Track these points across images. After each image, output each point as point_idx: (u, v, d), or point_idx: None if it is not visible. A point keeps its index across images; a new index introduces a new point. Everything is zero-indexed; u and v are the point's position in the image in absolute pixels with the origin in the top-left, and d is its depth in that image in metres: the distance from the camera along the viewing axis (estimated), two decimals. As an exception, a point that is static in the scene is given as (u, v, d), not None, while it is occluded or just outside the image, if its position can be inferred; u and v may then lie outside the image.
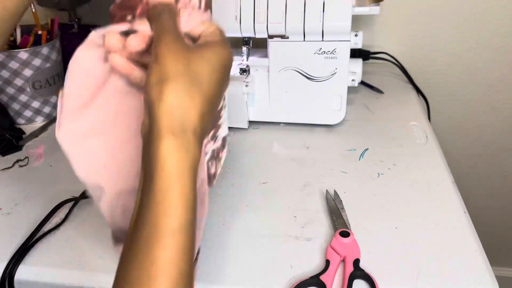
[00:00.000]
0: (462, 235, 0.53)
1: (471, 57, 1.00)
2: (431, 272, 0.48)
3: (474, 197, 1.16)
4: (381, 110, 0.82)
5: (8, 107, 0.80)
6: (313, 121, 0.76)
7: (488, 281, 0.47)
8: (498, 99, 1.03)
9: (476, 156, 1.11)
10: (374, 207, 0.58)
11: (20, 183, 0.65)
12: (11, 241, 0.53)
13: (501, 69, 1.00)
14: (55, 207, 0.57)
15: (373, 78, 0.93)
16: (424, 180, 0.62)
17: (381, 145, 0.71)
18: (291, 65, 0.72)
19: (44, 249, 0.53)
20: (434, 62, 1.01)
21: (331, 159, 0.68)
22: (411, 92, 0.90)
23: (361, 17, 0.97)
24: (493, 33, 0.97)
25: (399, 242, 0.52)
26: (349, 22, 0.68)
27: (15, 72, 0.76)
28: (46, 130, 0.79)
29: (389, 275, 0.48)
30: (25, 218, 0.57)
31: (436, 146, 0.70)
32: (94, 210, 0.59)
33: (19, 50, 0.75)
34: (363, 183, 0.63)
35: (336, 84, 0.72)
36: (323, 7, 0.67)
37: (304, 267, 0.49)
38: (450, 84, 1.03)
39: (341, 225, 0.54)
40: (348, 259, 0.49)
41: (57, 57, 0.80)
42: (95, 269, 0.50)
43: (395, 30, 1.00)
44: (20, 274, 0.50)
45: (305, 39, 0.70)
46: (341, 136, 0.74)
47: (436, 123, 1.04)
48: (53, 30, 0.82)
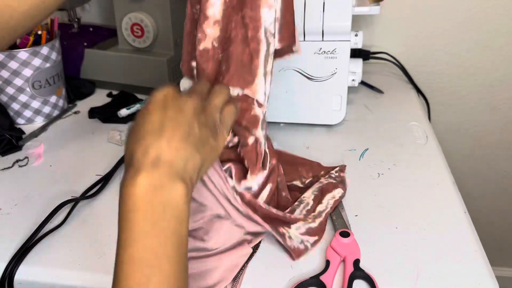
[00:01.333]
0: (462, 235, 0.53)
1: (471, 57, 1.00)
2: (431, 272, 0.48)
3: (474, 197, 1.16)
4: (381, 110, 0.82)
5: (8, 107, 0.80)
6: (313, 121, 0.76)
7: (489, 281, 0.47)
8: (498, 99, 1.03)
9: (476, 156, 1.11)
10: (374, 207, 0.58)
11: (19, 183, 0.65)
12: (11, 241, 0.53)
13: (501, 69, 1.00)
14: (55, 208, 0.57)
15: (373, 78, 0.93)
16: (424, 180, 0.62)
17: (381, 145, 0.71)
18: (291, 65, 0.72)
19: (44, 249, 0.53)
20: (434, 62, 1.01)
21: (331, 159, 0.68)
22: (411, 92, 0.90)
23: (361, 17, 0.97)
24: (493, 33, 0.97)
25: (399, 242, 0.52)
26: (349, 22, 0.68)
27: (14, 72, 0.76)
28: (46, 130, 0.79)
29: (389, 275, 0.48)
30: (24, 218, 0.57)
31: (436, 146, 0.70)
32: (95, 211, 0.59)
33: (19, 50, 0.75)
34: (363, 183, 0.62)
35: (336, 84, 0.72)
36: (323, 7, 0.67)
37: (304, 267, 0.49)
38: (450, 84, 1.03)
39: (341, 225, 0.54)
40: (348, 259, 0.49)
41: (56, 57, 0.80)
42: (95, 269, 0.50)
43: (395, 30, 1.00)
44: (20, 274, 0.50)
45: (305, 39, 0.70)
46: (341, 136, 0.74)
47: (436, 123, 1.04)
48: (53, 30, 0.82)
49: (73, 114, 0.85)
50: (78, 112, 0.85)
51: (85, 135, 0.77)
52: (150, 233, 0.33)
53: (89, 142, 0.75)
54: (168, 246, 0.33)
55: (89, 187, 0.62)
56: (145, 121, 0.37)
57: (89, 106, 0.86)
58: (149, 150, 0.35)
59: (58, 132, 0.79)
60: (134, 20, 0.86)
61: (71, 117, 0.84)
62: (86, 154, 0.72)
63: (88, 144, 0.74)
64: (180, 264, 0.34)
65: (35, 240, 0.53)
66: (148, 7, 0.85)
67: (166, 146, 0.36)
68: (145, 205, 0.33)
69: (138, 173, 0.34)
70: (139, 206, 0.33)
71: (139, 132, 0.37)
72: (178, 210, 0.35)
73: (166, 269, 0.33)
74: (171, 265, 0.33)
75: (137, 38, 0.87)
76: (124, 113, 0.81)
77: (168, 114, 0.37)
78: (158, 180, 0.34)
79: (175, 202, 0.35)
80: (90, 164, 0.68)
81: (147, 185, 0.34)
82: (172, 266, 0.33)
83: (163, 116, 0.37)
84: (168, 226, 0.34)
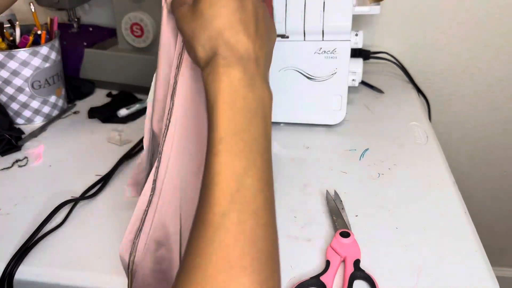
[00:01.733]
0: (463, 235, 0.53)
1: (471, 57, 0.99)
2: (431, 273, 0.48)
3: (474, 197, 1.16)
4: (382, 110, 0.82)
5: (7, 107, 0.79)
6: (313, 121, 0.75)
7: (489, 282, 0.47)
8: (498, 99, 1.03)
9: (476, 156, 1.11)
10: (374, 207, 0.58)
11: (19, 184, 0.65)
12: (11, 242, 0.53)
13: (501, 69, 1.00)
14: (55, 208, 0.57)
15: (374, 78, 0.93)
16: (424, 180, 0.62)
17: (382, 145, 0.71)
18: (291, 64, 0.72)
19: (44, 249, 0.53)
20: (435, 62, 1.01)
21: (331, 159, 0.68)
22: (412, 92, 0.90)
23: (362, 17, 0.97)
24: (493, 33, 0.97)
25: (400, 243, 0.52)
26: (350, 21, 0.68)
27: (14, 72, 0.76)
28: (45, 130, 0.79)
29: (389, 276, 0.48)
30: (24, 219, 0.57)
31: (436, 146, 0.70)
32: (94, 211, 0.59)
33: (19, 49, 0.75)
34: (363, 183, 0.62)
35: (336, 84, 0.72)
36: (323, 7, 0.67)
37: (304, 267, 0.49)
38: (451, 84, 1.03)
39: (341, 226, 0.54)
40: (348, 259, 0.48)
41: (56, 56, 0.80)
42: (95, 269, 0.50)
43: (396, 30, 1.00)
44: (20, 274, 0.50)
45: (305, 39, 0.70)
46: (341, 136, 0.74)
47: (436, 123, 1.04)
48: (53, 29, 0.82)
49: (73, 114, 0.85)
50: (78, 112, 0.85)
51: (85, 135, 0.77)
52: (247, 127, 0.32)
53: (89, 142, 0.75)
54: (261, 144, 0.33)
55: (89, 187, 0.62)
56: (220, 14, 0.35)
57: (88, 106, 0.86)
58: (237, 45, 0.34)
59: (58, 132, 0.79)
60: (134, 19, 0.86)
61: (71, 117, 0.84)
62: (86, 154, 0.72)
63: (87, 144, 0.74)
64: (269, 167, 0.33)
65: (35, 240, 0.53)
66: (148, 7, 0.85)
67: (251, 42, 0.35)
68: (242, 99, 0.33)
69: (231, 66, 0.33)
70: (235, 99, 0.33)
71: (214, 23, 0.35)
72: (266, 112, 0.34)
73: (259, 164, 0.32)
74: (263, 162, 0.33)
75: (137, 38, 0.87)
76: (123, 113, 0.81)
77: (239, 7, 0.35)
78: (251, 77, 0.34)
79: (263, 103, 0.34)
80: (90, 164, 0.68)
81: (241, 79, 0.33)
82: (263, 163, 0.33)
83: (236, 9, 0.35)
84: (259, 125, 0.33)
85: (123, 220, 0.56)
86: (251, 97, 0.33)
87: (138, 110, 0.83)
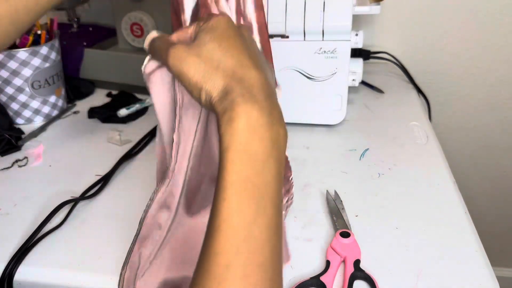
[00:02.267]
0: (463, 235, 0.53)
1: (472, 57, 0.99)
2: (431, 273, 0.48)
3: (474, 197, 1.16)
4: (382, 110, 0.82)
5: (7, 107, 0.79)
6: (313, 121, 0.75)
7: (489, 282, 0.46)
8: (498, 99, 1.03)
9: (476, 156, 1.11)
10: (374, 207, 0.58)
11: (19, 184, 0.65)
12: (10, 242, 0.53)
13: (501, 69, 1.00)
14: (55, 208, 0.57)
15: (374, 78, 0.93)
16: (424, 180, 0.62)
17: (382, 145, 0.71)
18: (291, 64, 0.72)
19: (44, 249, 0.52)
20: (435, 62, 1.01)
21: (332, 159, 0.68)
22: (412, 92, 0.90)
23: (362, 17, 0.97)
24: (493, 33, 0.97)
25: (400, 243, 0.52)
26: (350, 21, 0.68)
27: (14, 71, 0.76)
28: (45, 130, 0.79)
29: (389, 276, 0.47)
30: (24, 219, 0.57)
31: (436, 146, 0.70)
32: (94, 211, 0.59)
33: (18, 49, 0.75)
34: (363, 183, 0.62)
35: (337, 84, 0.72)
36: (323, 7, 0.67)
37: (304, 267, 0.49)
38: (451, 84, 1.03)
39: (342, 226, 0.54)
40: (348, 259, 0.48)
41: (56, 56, 0.80)
42: (95, 270, 0.49)
43: (396, 30, 0.99)
44: (20, 275, 0.50)
45: (305, 39, 0.70)
46: (341, 136, 0.74)
47: (436, 123, 1.04)
48: (52, 29, 0.82)
49: (73, 114, 0.85)
50: (78, 112, 0.85)
51: (85, 135, 0.77)
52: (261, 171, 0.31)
53: (89, 142, 0.75)
54: (272, 188, 0.31)
55: (89, 187, 0.62)
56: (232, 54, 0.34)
57: (88, 106, 0.86)
58: (251, 81, 0.33)
59: (58, 132, 0.79)
60: (133, 19, 0.86)
61: (71, 117, 0.84)
62: (86, 154, 0.72)
63: (87, 144, 0.74)
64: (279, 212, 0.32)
65: (34, 240, 0.53)
66: (148, 6, 0.85)
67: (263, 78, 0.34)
68: (259, 141, 0.31)
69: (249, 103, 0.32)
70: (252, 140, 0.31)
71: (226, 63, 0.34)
72: (281, 152, 0.33)
73: (269, 211, 0.31)
74: (273, 208, 0.31)
75: (137, 38, 0.87)
76: (123, 113, 0.81)
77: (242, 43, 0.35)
78: (268, 114, 0.32)
79: (279, 143, 0.32)
80: (90, 164, 0.68)
81: (260, 117, 0.31)
82: (273, 209, 0.31)
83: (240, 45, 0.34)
84: (272, 167, 0.32)
85: (123, 220, 0.56)
86: (268, 136, 0.32)
87: (138, 110, 0.83)
